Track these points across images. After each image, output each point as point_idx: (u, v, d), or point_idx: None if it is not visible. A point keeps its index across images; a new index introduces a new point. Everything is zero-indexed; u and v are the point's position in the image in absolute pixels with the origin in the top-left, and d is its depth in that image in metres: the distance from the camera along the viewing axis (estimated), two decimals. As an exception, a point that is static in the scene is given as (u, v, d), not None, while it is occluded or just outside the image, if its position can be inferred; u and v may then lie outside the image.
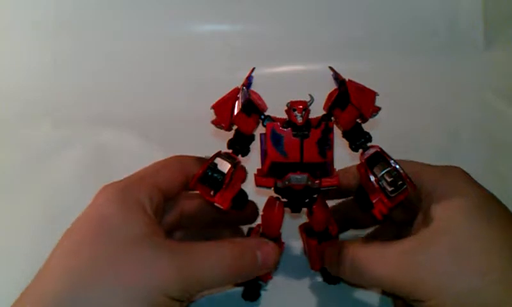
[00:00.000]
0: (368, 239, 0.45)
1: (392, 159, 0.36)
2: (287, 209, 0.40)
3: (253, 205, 0.43)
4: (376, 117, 0.36)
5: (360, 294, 0.43)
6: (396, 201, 0.35)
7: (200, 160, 0.40)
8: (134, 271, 0.30)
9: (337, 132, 0.37)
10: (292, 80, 0.75)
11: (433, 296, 0.32)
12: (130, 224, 0.32)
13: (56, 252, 0.32)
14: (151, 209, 0.35)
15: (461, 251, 0.32)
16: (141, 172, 0.38)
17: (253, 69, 0.37)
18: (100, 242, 0.31)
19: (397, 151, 0.38)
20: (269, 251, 0.36)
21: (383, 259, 0.34)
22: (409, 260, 0.33)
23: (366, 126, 0.37)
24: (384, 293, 0.42)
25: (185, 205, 0.41)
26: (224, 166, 0.36)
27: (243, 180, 0.39)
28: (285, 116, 0.36)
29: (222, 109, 0.36)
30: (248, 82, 0.37)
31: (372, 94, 0.36)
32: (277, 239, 0.41)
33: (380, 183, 0.35)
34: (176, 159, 0.39)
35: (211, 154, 0.37)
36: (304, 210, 0.40)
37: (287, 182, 0.37)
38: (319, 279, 0.44)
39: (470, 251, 0.32)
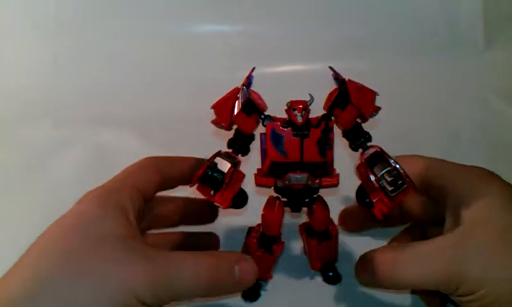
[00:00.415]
0: (397, 243, 0.44)
1: (392, 159, 0.36)
2: (287, 209, 0.40)
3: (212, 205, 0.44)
4: (376, 117, 0.36)
5: (360, 294, 0.42)
6: (396, 201, 0.35)
7: (171, 159, 0.40)
8: (107, 270, 0.30)
9: (337, 132, 0.37)
10: (292, 80, 0.75)
11: (481, 286, 0.32)
12: (108, 225, 0.32)
13: (33, 245, 0.32)
14: (133, 213, 0.35)
15: (503, 240, 0.32)
16: (121, 175, 0.38)
17: (253, 69, 0.37)
18: (76, 237, 0.31)
19: (397, 151, 0.38)
20: (248, 268, 0.35)
21: (426, 258, 0.34)
22: (455, 254, 0.33)
23: (366, 126, 0.37)
24: (413, 292, 0.42)
25: (159, 207, 0.41)
26: (225, 166, 0.36)
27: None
28: (285, 116, 0.36)
29: (222, 108, 0.36)
30: (248, 81, 0.37)
31: (372, 94, 0.36)
32: (277, 239, 0.41)
33: (380, 182, 0.35)
34: (151, 160, 0.40)
35: (211, 154, 0.37)
36: (305, 209, 0.40)
37: (286, 182, 0.37)
38: (319, 279, 0.44)
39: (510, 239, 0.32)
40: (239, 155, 0.38)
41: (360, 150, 0.37)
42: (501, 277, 0.32)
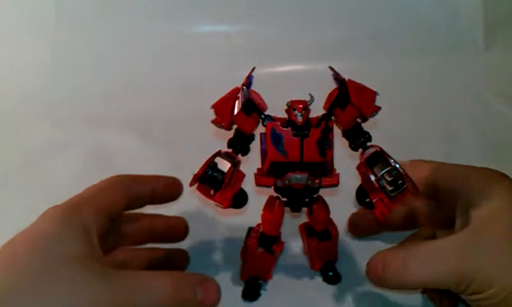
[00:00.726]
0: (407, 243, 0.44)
1: (392, 158, 0.36)
2: (287, 208, 0.40)
3: (183, 221, 0.44)
4: (376, 117, 0.36)
5: (359, 294, 0.42)
6: (397, 201, 0.35)
7: (138, 178, 0.40)
8: (65, 291, 0.29)
9: (337, 132, 0.37)
10: (292, 80, 0.75)
11: (492, 285, 0.31)
12: (68, 245, 0.31)
13: None
14: (96, 232, 0.34)
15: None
16: (86, 192, 0.37)
17: (253, 69, 0.37)
18: (34, 256, 0.30)
19: (397, 151, 0.38)
20: (210, 290, 0.34)
21: (436, 257, 0.34)
22: (465, 252, 0.33)
23: (366, 126, 0.37)
24: (424, 292, 0.42)
25: (126, 224, 0.41)
26: (225, 165, 0.36)
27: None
28: (285, 116, 0.36)
29: (222, 108, 0.36)
30: (248, 81, 0.37)
31: (373, 94, 0.36)
32: (277, 239, 0.41)
33: (380, 182, 0.35)
34: (117, 179, 0.39)
35: (211, 154, 0.37)
36: (305, 209, 0.40)
37: (286, 181, 0.37)
38: (319, 279, 0.44)
39: None
40: (239, 155, 0.38)
41: (360, 150, 0.37)
42: (511, 275, 0.32)
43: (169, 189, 0.42)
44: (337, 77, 0.37)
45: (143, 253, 0.44)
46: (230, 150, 0.38)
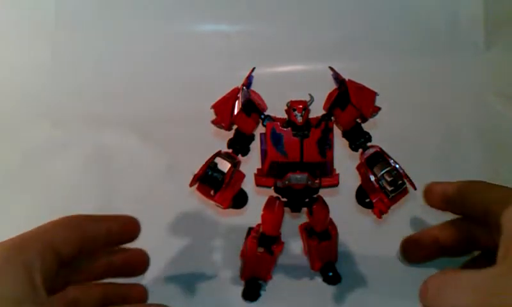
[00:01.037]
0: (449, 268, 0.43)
1: (392, 159, 0.36)
2: (287, 209, 0.40)
3: (143, 254, 0.42)
4: (376, 117, 0.36)
5: (360, 294, 0.42)
6: (396, 201, 0.35)
7: (92, 218, 0.38)
8: None
9: (337, 132, 0.37)
10: (292, 80, 0.75)
11: None
12: (6, 285, 0.30)
13: None
14: (40, 272, 0.32)
15: None
16: (33, 231, 0.35)
17: (253, 69, 0.37)
18: None
19: (396, 152, 0.38)
20: None
21: (467, 287, 0.32)
22: (496, 285, 0.31)
23: (366, 126, 0.37)
24: None
25: (81, 262, 0.38)
26: (225, 166, 0.36)
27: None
28: (285, 116, 0.36)
29: (222, 108, 0.36)
30: (248, 81, 0.37)
31: (372, 95, 0.36)
32: (277, 239, 0.41)
33: (380, 182, 0.35)
34: (71, 218, 0.37)
35: (211, 154, 0.37)
36: (305, 209, 0.40)
37: (286, 182, 0.37)
38: (319, 279, 0.44)
39: None
40: (239, 155, 0.38)
41: (360, 150, 0.37)
42: None
43: (126, 229, 0.39)
44: (337, 77, 0.37)
45: (97, 289, 0.40)
46: (230, 150, 0.38)
